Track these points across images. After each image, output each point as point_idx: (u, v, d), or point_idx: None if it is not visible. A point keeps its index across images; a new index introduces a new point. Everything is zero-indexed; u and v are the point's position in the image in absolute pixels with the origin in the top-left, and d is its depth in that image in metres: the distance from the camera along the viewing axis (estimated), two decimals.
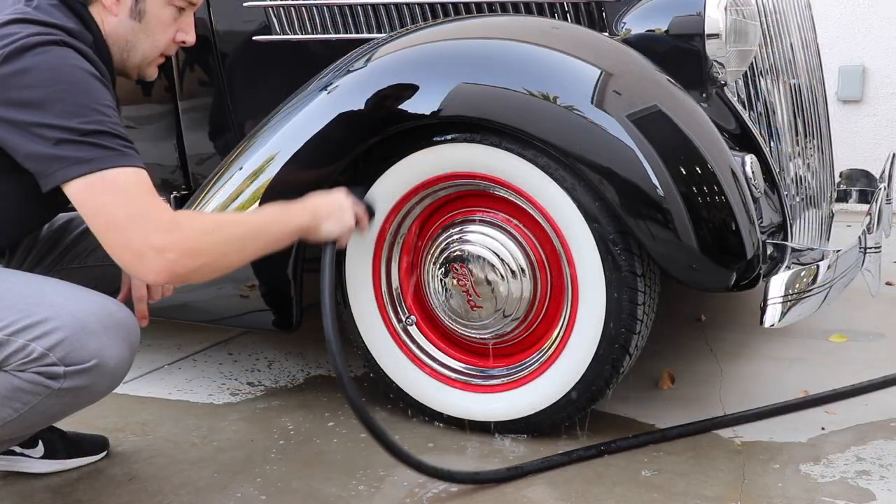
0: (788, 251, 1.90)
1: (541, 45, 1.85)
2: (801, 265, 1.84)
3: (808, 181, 2.34)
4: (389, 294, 2.09)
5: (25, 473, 1.90)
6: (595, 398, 1.92)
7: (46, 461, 1.90)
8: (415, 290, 2.10)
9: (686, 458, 1.88)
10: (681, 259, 1.75)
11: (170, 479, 1.88)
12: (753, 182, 1.85)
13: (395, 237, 2.06)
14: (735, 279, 1.77)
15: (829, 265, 1.86)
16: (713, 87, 1.98)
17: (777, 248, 1.92)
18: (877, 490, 1.73)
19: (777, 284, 1.76)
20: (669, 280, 1.84)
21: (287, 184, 1.96)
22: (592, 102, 1.76)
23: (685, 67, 1.92)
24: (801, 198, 2.26)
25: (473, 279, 1.96)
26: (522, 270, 1.94)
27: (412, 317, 2.09)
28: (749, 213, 1.79)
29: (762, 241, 1.82)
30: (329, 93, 1.95)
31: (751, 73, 2.12)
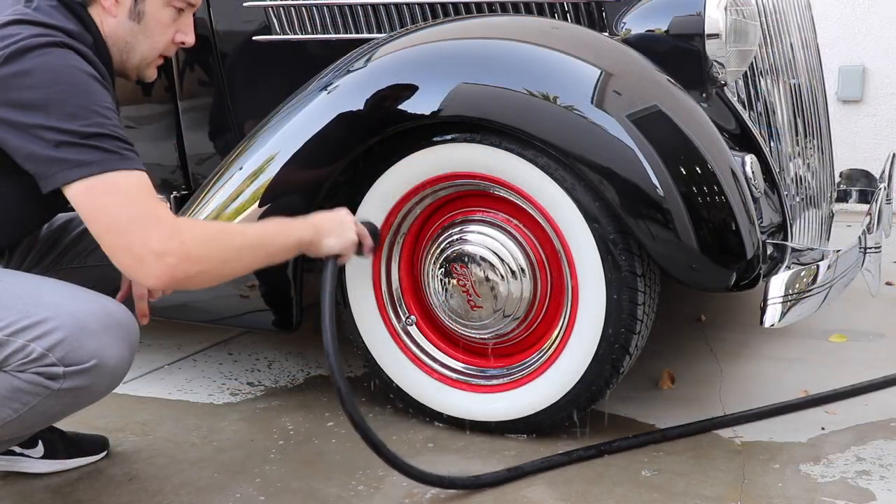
0: (788, 251, 1.90)
1: (541, 45, 1.85)
2: (801, 265, 1.84)
3: (808, 181, 2.34)
4: (389, 294, 2.09)
5: (25, 473, 1.90)
6: (595, 398, 1.92)
7: (46, 461, 1.91)
8: (414, 290, 2.10)
9: (686, 458, 1.88)
10: (681, 259, 1.75)
11: (170, 479, 1.88)
12: (753, 182, 1.85)
13: (395, 237, 2.06)
14: (735, 279, 1.77)
15: (829, 265, 1.86)
16: (713, 87, 1.98)
17: (777, 248, 1.92)
18: (877, 490, 1.73)
19: (777, 284, 1.76)
20: (669, 280, 1.84)
21: (287, 184, 1.96)
22: (592, 102, 1.76)
23: (685, 67, 1.93)
24: (801, 198, 2.26)
25: (473, 279, 1.96)
26: (522, 270, 1.94)
27: (412, 317, 2.09)
28: (749, 213, 1.79)
29: (762, 241, 1.82)
30: (329, 93, 1.95)
31: (751, 73, 2.12)
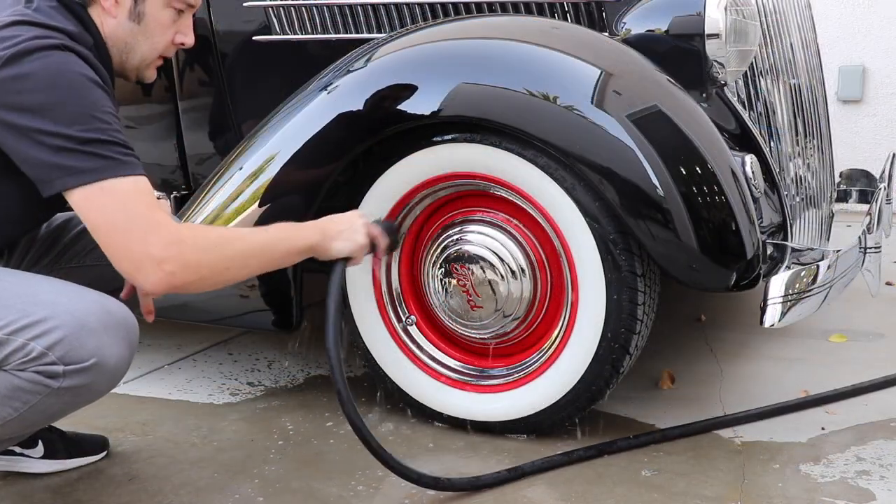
0: (788, 251, 1.90)
1: (541, 45, 1.85)
2: (801, 265, 1.84)
3: (808, 181, 2.34)
4: (389, 294, 2.09)
5: (25, 473, 1.90)
6: (595, 398, 1.92)
7: (46, 461, 1.90)
8: (415, 290, 2.10)
9: (686, 458, 1.88)
10: (681, 259, 1.75)
11: (170, 479, 1.88)
12: (753, 182, 1.85)
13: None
14: (735, 279, 1.77)
15: (829, 265, 1.86)
16: (713, 87, 1.98)
17: (777, 248, 1.92)
18: (877, 490, 1.73)
19: (777, 284, 1.76)
20: (669, 280, 1.84)
21: (287, 184, 1.96)
22: (592, 102, 1.76)
23: (685, 67, 1.93)
24: (801, 198, 2.26)
25: (473, 279, 1.95)
26: (522, 270, 1.94)
27: (412, 317, 2.09)
28: (749, 213, 1.79)
29: (762, 241, 1.82)
30: (329, 93, 1.95)
31: (751, 73, 2.12)
